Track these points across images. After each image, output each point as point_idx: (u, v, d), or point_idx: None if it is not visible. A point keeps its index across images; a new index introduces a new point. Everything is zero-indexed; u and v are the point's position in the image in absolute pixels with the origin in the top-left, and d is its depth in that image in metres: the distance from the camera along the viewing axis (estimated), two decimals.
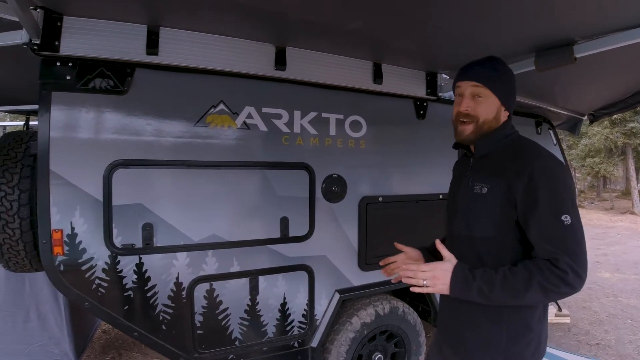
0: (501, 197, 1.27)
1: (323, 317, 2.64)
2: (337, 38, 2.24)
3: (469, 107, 1.33)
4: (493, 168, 1.33)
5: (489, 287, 1.21)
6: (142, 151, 2.08)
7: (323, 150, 2.60)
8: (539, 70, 2.38)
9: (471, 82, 1.34)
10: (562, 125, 4.76)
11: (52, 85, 1.87)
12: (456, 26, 2.06)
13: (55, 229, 1.88)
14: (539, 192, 1.20)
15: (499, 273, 1.22)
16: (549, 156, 1.27)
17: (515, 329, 1.29)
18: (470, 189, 1.36)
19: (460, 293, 1.25)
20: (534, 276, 1.16)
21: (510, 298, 1.20)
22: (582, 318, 4.69)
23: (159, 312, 2.12)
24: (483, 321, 1.33)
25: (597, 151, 17.77)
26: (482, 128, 1.34)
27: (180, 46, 2.13)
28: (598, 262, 7.56)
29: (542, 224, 1.19)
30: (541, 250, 1.20)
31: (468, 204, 1.38)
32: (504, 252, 1.30)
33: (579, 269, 1.16)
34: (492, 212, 1.29)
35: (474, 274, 1.25)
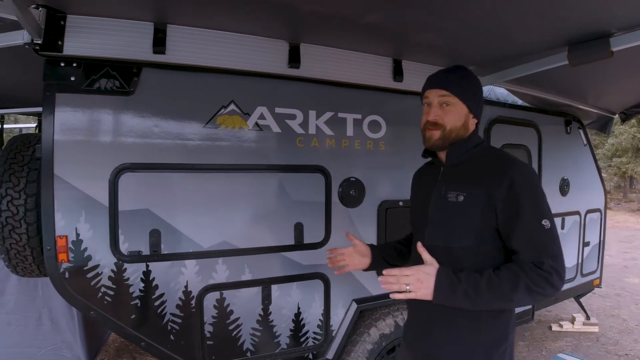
0: (480, 205, 1.26)
1: (339, 327, 2.51)
2: (354, 32, 2.11)
3: (437, 115, 1.33)
4: (467, 176, 1.32)
5: (475, 290, 1.19)
6: (149, 154, 1.99)
7: (340, 152, 2.47)
8: (572, 65, 2.21)
9: (439, 91, 1.34)
10: (592, 124, 4.53)
11: (56, 86, 1.80)
12: (484, 18, 1.90)
13: (59, 235, 1.81)
14: (521, 199, 1.22)
15: (485, 276, 1.21)
16: (524, 164, 1.30)
17: (493, 338, 1.29)
18: (444, 198, 1.34)
19: (445, 298, 1.23)
20: (521, 278, 1.17)
21: (496, 300, 1.20)
22: (611, 327, 4.45)
23: (167, 321, 2.03)
24: (463, 331, 1.30)
25: (624, 150, 17.13)
26: (449, 135, 1.34)
27: (189, 44, 2.04)
28: (626, 266, 7.21)
29: (526, 230, 1.21)
30: (525, 254, 1.21)
31: (443, 214, 1.35)
32: (484, 261, 1.28)
33: (560, 270, 1.19)
34: (471, 221, 1.28)
35: (458, 277, 1.22)
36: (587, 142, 4.23)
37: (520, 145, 3.52)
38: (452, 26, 1.97)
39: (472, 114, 1.37)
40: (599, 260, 4.37)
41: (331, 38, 2.25)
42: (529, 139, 3.61)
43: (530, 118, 3.62)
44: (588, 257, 4.22)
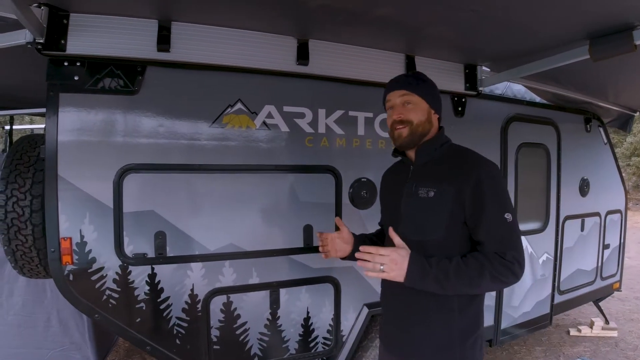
0: (450, 200, 1.32)
1: (350, 332, 2.44)
2: (365, 27, 2.03)
3: (401, 113, 1.40)
4: (437, 173, 1.39)
5: (444, 275, 1.25)
6: (155, 155, 1.95)
7: (350, 151, 2.40)
8: (594, 59, 2.11)
9: (400, 92, 1.42)
10: (612, 122, 4.37)
11: (60, 86, 1.77)
12: (501, 9, 1.80)
13: (64, 237, 1.78)
14: (485, 194, 1.29)
15: (453, 262, 1.27)
16: (490, 162, 1.38)
17: (464, 328, 1.35)
18: (415, 194, 1.40)
19: (416, 281, 1.27)
20: (485, 266, 1.25)
21: (463, 286, 1.27)
22: (631, 331, 4.29)
23: (173, 325, 1.99)
24: (437, 326, 1.35)
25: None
26: (417, 130, 1.40)
27: (194, 41, 1.99)
28: None
29: (489, 223, 1.29)
30: (489, 245, 1.29)
31: (414, 209, 1.40)
32: (454, 253, 1.33)
33: (521, 260, 1.28)
34: (441, 215, 1.34)
35: (429, 262, 1.28)
36: (608, 140, 4.07)
37: (538, 144, 3.39)
38: (468, 18, 1.87)
39: (433, 109, 1.45)
40: (619, 263, 4.22)
41: (341, 34, 2.18)
42: (548, 138, 3.48)
43: (549, 116, 3.49)
44: (608, 260, 4.07)
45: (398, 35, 2.20)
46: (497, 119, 3.09)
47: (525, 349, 3.91)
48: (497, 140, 3.07)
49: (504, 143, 3.09)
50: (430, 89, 1.46)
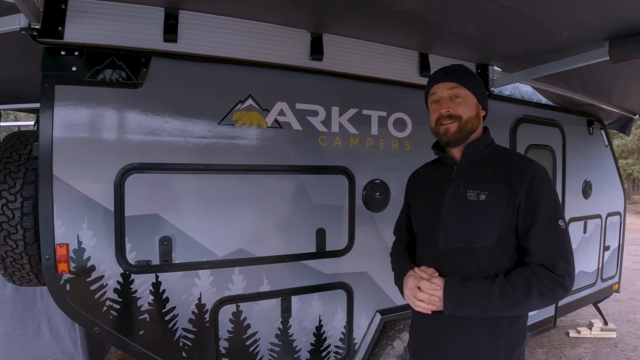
0: (504, 203, 1.24)
1: (363, 340, 2.33)
2: (386, 22, 1.93)
3: (450, 108, 1.31)
4: (486, 174, 1.30)
5: (487, 300, 1.18)
6: (159, 153, 1.80)
7: (364, 152, 2.29)
8: (613, 61, 2.06)
9: (449, 84, 1.32)
10: (612, 124, 4.40)
11: (56, 77, 1.60)
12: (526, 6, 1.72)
13: (59, 243, 1.62)
14: (541, 197, 1.22)
15: (497, 284, 1.18)
16: (541, 164, 1.30)
17: (512, 341, 1.27)
18: (462, 196, 1.29)
19: (455, 309, 1.20)
20: (533, 284, 1.16)
21: (508, 308, 1.19)
22: (629, 332, 4.31)
23: (179, 337, 1.85)
24: (480, 337, 1.26)
25: (630, 152, 17.12)
26: (465, 127, 1.31)
27: (203, 32, 1.86)
28: (637, 269, 7.10)
29: (542, 229, 1.20)
30: (538, 255, 1.20)
31: (462, 213, 1.29)
32: (505, 260, 1.26)
33: (572, 273, 1.19)
34: (494, 219, 1.25)
35: (468, 287, 1.20)
36: (609, 143, 4.07)
37: (545, 146, 3.35)
38: (493, 14, 1.78)
39: (481, 104, 1.36)
40: (618, 264, 4.23)
41: (358, 28, 2.07)
42: (554, 140, 3.44)
43: (555, 117, 3.45)
44: (608, 262, 4.07)
45: (417, 31, 2.11)
46: (506, 120, 3.02)
47: (527, 351, 3.87)
48: (507, 142, 3.00)
49: (513, 144, 3.03)
50: (479, 83, 1.37)
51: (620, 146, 17.18)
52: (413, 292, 1.26)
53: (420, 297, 1.24)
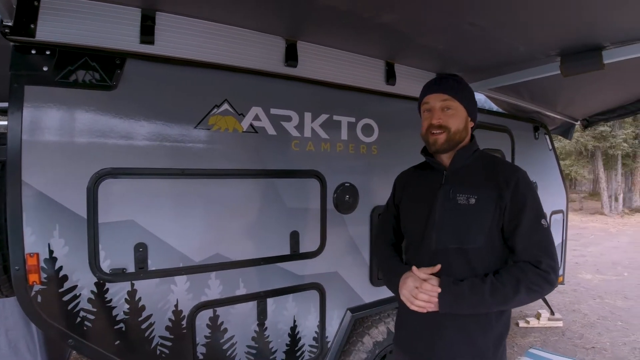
0: (492, 206, 1.31)
1: (335, 338, 2.39)
2: (358, 32, 2.00)
3: (440, 119, 1.37)
4: (474, 179, 1.37)
5: (480, 298, 1.25)
6: (134, 158, 1.75)
7: (335, 156, 2.35)
8: (564, 75, 2.26)
9: (442, 95, 1.38)
10: (556, 130, 4.75)
11: (26, 77, 1.52)
12: (492, 26, 1.87)
13: (29, 252, 1.54)
14: (525, 200, 1.30)
15: (487, 283, 1.26)
16: (523, 169, 1.39)
17: (500, 333, 1.35)
18: (453, 200, 1.36)
19: (450, 308, 1.28)
20: (521, 280, 1.23)
21: (499, 305, 1.26)
22: (574, 321, 4.70)
23: (156, 345, 1.81)
24: (473, 331, 1.34)
25: (568, 154, 18.48)
26: (454, 138, 1.38)
27: (180, 35, 1.84)
28: (577, 263, 7.72)
29: (528, 228, 1.28)
30: (524, 253, 1.28)
31: (454, 216, 1.36)
32: (493, 259, 1.34)
33: (556, 268, 1.27)
34: (483, 221, 1.32)
35: (461, 287, 1.27)
36: (552, 147, 4.42)
37: (496, 150, 3.59)
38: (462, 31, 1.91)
39: (470, 117, 1.44)
40: (562, 258, 4.60)
41: (332, 37, 2.13)
42: (504, 144, 3.70)
43: (505, 124, 3.71)
44: None
45: (387, 42, 2.20)
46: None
47: None
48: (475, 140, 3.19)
49: None
50: (470, 95, 1.44)
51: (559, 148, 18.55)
52: (413, 292, 1.32)
53: (422, 298, 1.29)
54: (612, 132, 16.80)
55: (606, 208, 17.31)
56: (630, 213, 16.94)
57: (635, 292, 5.79)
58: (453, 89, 1.38)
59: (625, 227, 13.59)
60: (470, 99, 1.43)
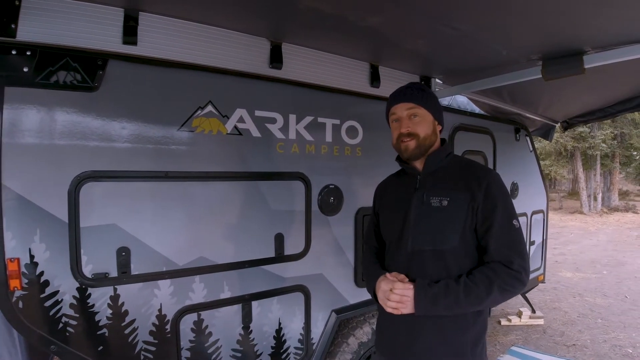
0: (464, 207, 1.35)
1: (320, 340, 2.40)
2: (343, 35, 2.02)
3: (408, 127, 1.41)
4: (447, 182, 1.41)
5: (455, 299, 1.28)
6: (116, 161, 1.73)
7: (319, 158, 2.36)
8: (545, 79, 2.31)
9: (407, 104, 1.42)
10: (536, 131, 4.86)
11: (6, 78, 1.49)
12: (475, 30, 1.90)
13: (10, 258, 1.51)
14: (497, 201, 1.34)
15: (461, 284, 1.29)
16: (496, 172, 1.43)
17: (476, 333, 1.38)
18: (426, 203, 1.40)
19: (427, 311, 1.30)
20: (493, 281, 1.27)
21: (473, 305, 1.29)
22: (555, 319, 4.80)
23: (140, 350, 1.79)
24: (451, 332, 1.36)
25: (548, 154, 18.89)
26: (424, 143, 1.42)
27: (163, 35, 1.83)
28: (557, 261, 7.90)
29: (500, 229, 1.32)
30: (497, 253, 1.31)
31: (427, 219, 1.39)
32: (467, 260, 1.37)
33: (527, 268, 1.31)
34: (456, 223, 1.35)
35: (436, 289, 1.30)
36: (533, 148, 4.52)
37: (478, 152, 3.66)
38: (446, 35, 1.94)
39: (437, 120, 1.48)
40: (542, 257, 4.70)
41: (317, 39, 2.15)
42: (485, 146, 3.77)
43: (486, 126, 3.78)
44: (534, 255, 4.51)
45: (372, 45, 2.22)
46: (445, 128, 3.24)
47: None
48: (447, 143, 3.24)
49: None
50: (434, 101, 1.48)
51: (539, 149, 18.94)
52: (386, 294, 1.35)
53: (393, 299, 1.33)
54: (591, 133, 17.25)
55: (585, 207, 17.75)
56: (608, 212, 17.39)
57: (614, 290, 5.95)
58: (417, 97, 1.43)
59: (604, 226, 13.97)
60: (434, 104, 1.47)
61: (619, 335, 4.29)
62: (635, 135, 18.05)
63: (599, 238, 11.24)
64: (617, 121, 17.09)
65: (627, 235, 11.72)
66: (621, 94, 3.38)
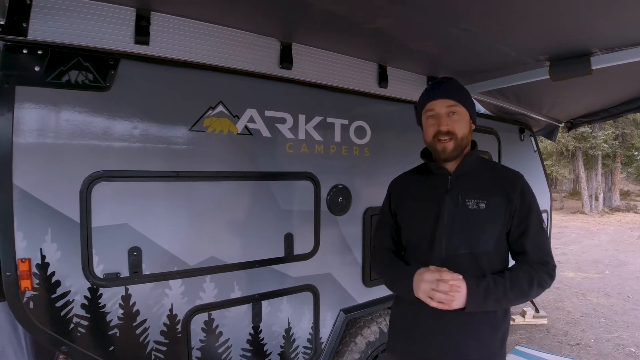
0: (502, 211, 1.33)
1: (329, 339, 2.40)
2: (352, 36, 2.01)
3: (448, 125, 1.35)
4: (481, 185, 1.38)
5: (503, 293, 1.27)
6: (127, 161, 1.72)
7: (328, 158, 2.36)
8: (553, 80, 2.31)
9: (447, 101, 1.36)
10: (540, 131, 4.85)
11: (17, 77, 1.48)
12: (483, 31, 1.90)
13: (21, 258, 1.50)
14: (531, 204, 1.35)
15: (507, 278, 1.29)
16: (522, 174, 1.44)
17: (504, 331, 1.40)
18: (462, 205, 1.36)
19: (478, 305, 1.27)
20: (534, 276, 1.30)
21: (516, 300, 1.30)
22: (558, 318, 4.81)
23: (151, 350, 1.78)
24: (482, 330, 1.34)
25: (549, 154, 18.88)
26: (462, 144, 1.37)
27: (175, 36, 1.82)
28: (559, 261, 7.90)
29: (534, 232, 1.33)
30: (533, 255, 1.33)
31: (464, 221, 1.35)
32: (500, 263, 1.37)
33: (555, 266, 1.38)
34: (494, 226, 1.34)
35: (485, 284, 1.27)
36: (537, 148, 4.52)
37: (484, 152, 3.65)
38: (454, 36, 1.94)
39: (472, 120, 1.44)
40: None
41: (326, 40, 2.14)
42: (491, 146, 3.76)
43: (492, 126, 3.77)
44: None
45: (380, 46, 2.21)
46: None
47: None
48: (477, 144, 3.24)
49: None
50: (470, 98, 1.43)
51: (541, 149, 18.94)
52: (432, 285, 1.26)
53: (442, 288, 1.24)
54: (593, 133, 17.25)
55: (587, 207, 17.76)
56: (610, 212, 17.41)
57: (617, 290, 5.96)
58: (457, 94, 1.38)
59: (606, 226, 13.98)
60: (471, 102, 1.43)
61: (622, 335, 4.30)
62: (636, 135, 18.06)
63: (600, 238, 11.25)
64: (618, 121, 17.09)
65: (629, 236, 11.72)
66: (625, 95, 3.37)
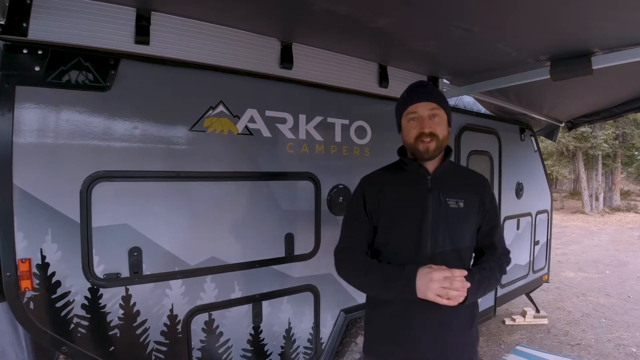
0: (476, 210, 1.45)
1: (329, 340, 2.40)
2: (353, 36, 2.01)
3: (431, 127, 1.39)
4: (457, 184, 1.46)
5: (488, 284, 1.39)
6: (128, 161, 1.73)
7: (328, 158, 2.36)
8: (554, 79, 2.30)
9: (429, 104, 1.40)
10: (541, 131, 4.85)
11: (17, 77, 1.48)
12: (482, 31, 1.90)
13: (21, 258, 1.50)
14: (495, 204, 1.53)
15: (487, 270, 1.41)
16: None
17: (477, 325, 1.49)
18: (444, 204, 1.41)
19: (474, 297, 1.35)
20: (502, 265, 1.47)
21: (493, 287, 1.45)
22: (559, 318, 4.79)
23: (151, 351, 1.78)
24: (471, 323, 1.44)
25: (550, 154, 18.86)
26: (442, 144, 1.43)
27: (175, 35, 1.82)
28: (560, 261, 7.89)
29: (499, 228, 1.53)
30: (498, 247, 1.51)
31: (448, 219, 1.40)
32: (471, 257, 1.49)
33: None
34: (471, 223, 1.44)
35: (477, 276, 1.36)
36: (537, 148, 4.52)
37: (484, 152, 3.65)
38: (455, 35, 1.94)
39: (449, 122, 1.49)
40: (547, 257, 4.70)
41: (327, 40, 2.13)
42: (491, 146, 3.76)
43: (492, 126, 3.77)
44: (538, 255, 4.51)
45: (382, 46, 2.21)
46: (452, 128, 3.25)
47: None
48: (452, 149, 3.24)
49: (457, 151, 3.28)
50: (447, 102, 1.48)
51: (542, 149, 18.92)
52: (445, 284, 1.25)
53: (456, 286, 1.25)
54: (593, 133, 17.23)
55: (587, 207, 17.74)
56: (610, 212, 17.38)
57: (617, 290, 5.94)
58: (437, 98, 1.43)
59: (606, 226, 13.95)
60: (448, 106, 1.48)
61: (623, 335, 4.29)
62: (637, 135, 18.04)
63: (600, 238, 11.23)
64: (618, 121, 17.07)
65: (629, 235, 11.70)
66: (626, 94, 3.37)
